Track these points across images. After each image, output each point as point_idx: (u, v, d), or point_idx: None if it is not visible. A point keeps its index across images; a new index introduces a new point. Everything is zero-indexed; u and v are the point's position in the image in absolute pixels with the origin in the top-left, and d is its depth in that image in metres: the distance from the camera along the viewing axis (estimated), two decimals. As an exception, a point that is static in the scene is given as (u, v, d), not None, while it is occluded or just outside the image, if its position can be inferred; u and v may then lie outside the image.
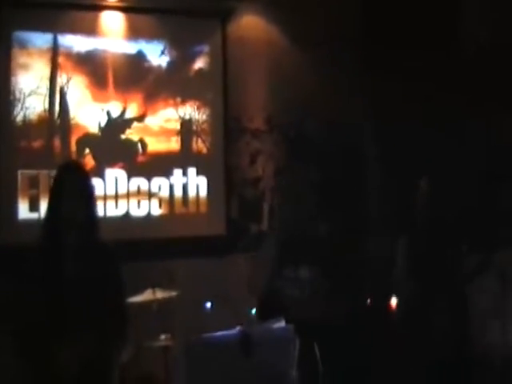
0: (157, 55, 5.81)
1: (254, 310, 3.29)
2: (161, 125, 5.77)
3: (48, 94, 5.44)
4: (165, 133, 5.78)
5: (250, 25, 6.09)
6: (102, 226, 3.15)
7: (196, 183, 5.81)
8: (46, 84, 5.44)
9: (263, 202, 5.93)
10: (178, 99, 5.85)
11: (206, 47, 6.00)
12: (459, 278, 4.82)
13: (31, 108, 5.37)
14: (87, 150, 5.50)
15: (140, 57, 5.76)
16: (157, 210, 5.68)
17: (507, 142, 5.54)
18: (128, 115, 5.67)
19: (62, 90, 5.48)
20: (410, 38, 5.69)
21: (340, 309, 4.93)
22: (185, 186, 5.77)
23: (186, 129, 5.86)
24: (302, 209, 5.84)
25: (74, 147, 5.47)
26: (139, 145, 5.68)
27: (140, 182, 5.63)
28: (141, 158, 5.68)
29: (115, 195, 5.55)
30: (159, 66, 5.82)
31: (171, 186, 5.73)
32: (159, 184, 5.69)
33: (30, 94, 5.37)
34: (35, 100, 5.39)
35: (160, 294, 4.58)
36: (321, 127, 6.02)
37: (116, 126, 5.63)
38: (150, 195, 5.66)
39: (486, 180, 5.57)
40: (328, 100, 5.94)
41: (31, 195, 5.25)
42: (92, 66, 5.58)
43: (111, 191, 5.53)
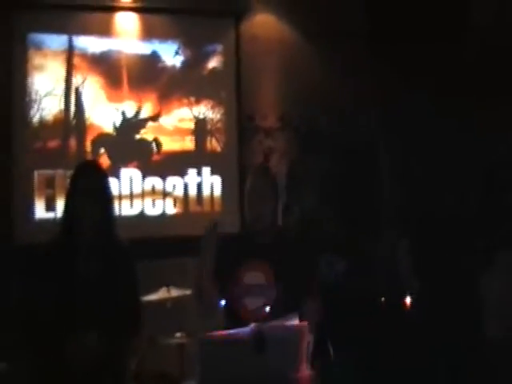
0: (171, 55, 5.84)
1: (267, 307, 3.29)
2: (175, 124, 5.81)
3: (63, 95, 5.50)
4: (179, 132, 5.82)
5: (263, 23, 6.10)
6: (117, 225, 3.19)
7: (210, 182, 5.84)
8: (62, 85, 5.50)
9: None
10: (192, 99, 5.88)
11: (219, 46, 6.03)
12: (466, 275, 4.83)
13: (47, 109, 5.43)
14: (102, 150, 5.56)
15: (154, 57, 5.81)
16: (171, 209, 5.72)
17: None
18: (142, 115, 5.71)
19: (77, 90, 5.54)
20: (420, 32, 5.66)
21: (354, 304, 4.94)
22: (199, 185, 5.81)
23: (200, 128, 5.89)
24: (314, 203, 5.85)
25: (89, 147, 5.53)
26: (154, 144, 5.72)
27: (155, 182, 5.68)
28: (155, 158, 5.72)
29: (130, 194, 5.60)
30: (173, 66, 5.86)
31: (185, 185, 5.77)
32: (174, 183, 5.73)
33: (45, 95, 5.44)
34: (51, 101, 5.45)
35: (175, 292, 4.62)
36: (333, 123, 6.03)
37: (131, 125, 5.68)
38: (165, 194, 5.71)
39: (495, 176, 5.53)
40: (340, 96, 5.94)
41: (47, 195, 5.31)
42: (107, 67, 5.63)
43: (126, 190, 5.58)
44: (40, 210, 5.31)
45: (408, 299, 4.87)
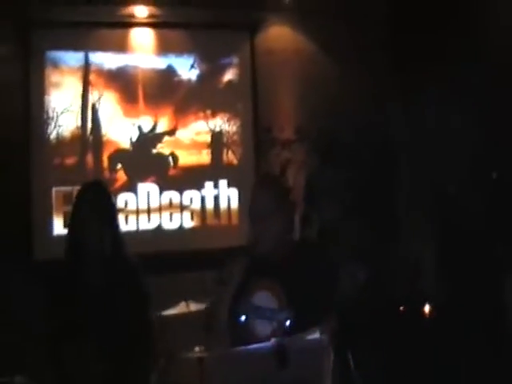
0: (187, 69, 5.87)
1: (288, 321, 3.25)
2: (191, 138, 5.83)
3: (80, 111, 5.56)
4: (196, 146, 5.84)
5: (278, 35, 6.11)
6: (134, 240, 3.21)
7: (227, 195, 5.85)
8: (78, 101, 5.55)
9: (294, 212, 5.95)
10: (208, 112, 5.90)
11: (234, 59, 6.05)
12: (492, 279, 4.77)
13: (64, 125, 5.49)
14: (119, 166, 5.59)
15: (170, 71, 5.84)
16: (189, 223, 5.73)
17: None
18: (159, 129, 5.75)
19: (93, 106, 5.59)
20: (439, 41, 5.63)
21: (374, 316, 4.91)
22: (216, 198, 5.82)
23: (217, 141, 5.91)
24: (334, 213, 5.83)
25: (106, 163, 5.57)
26: (170, 158, 5.74)
27: (172, 195, 5.69)
28: (172, 172, 5.74)
29: (147, 209, 5.62)
30: (189, 80, 5.88)
31: (203, 199, 5.78)
32: (191, 197, 5.75)
33: (62, 111, 5.49)
34: (68, 117, 5.51)
35: (193, 306, 4.58)
36: (352, 134, 6.00)
37: (147, 140, 5.71)
38: (182, 208, 5.72)
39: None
40: (358, 107, 5.92)
41: (65, 211, 5.28)
42: (123, 82, 5.68)
43: (143, 205, 5.61)
44: (58, 227, 5.34)
45: (427, 307, 4.83)
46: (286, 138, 6.02)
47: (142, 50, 5.76)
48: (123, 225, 5.15)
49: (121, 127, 5.63)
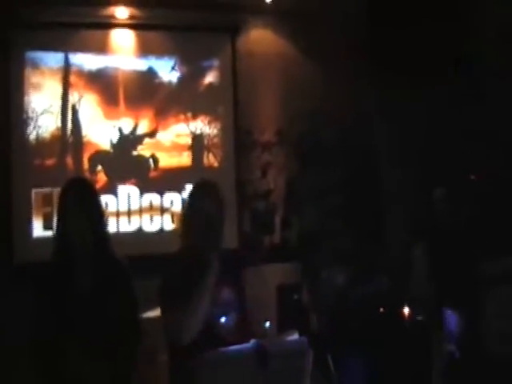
0: (167, 71, 5.87)
1: (267, 323, 3.27)
2: (172, 140, 5.83)
3: (60, 113, 5.52)
4: (176, 148, 5.83)
5: (259, 38, 6.13)
6: (115, 242, 3.17)
7: (208, 198, 5.83)
8: (59, 102, 5.52)
9: (275, 214, 5.97)
10: (189, 114, 5.90)
11: (215, 61, 6.05)
12: (481, 283, 4.81)
13: (44, 126, 5.45)
14: (99, 167, 5.57)
15: (151, 73, 5.82)
16: (169, 225, 5.71)
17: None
18: (139, 131, 5.73)
19: (73, 108, 5.55)
20: (418, 43, 5.67)
21: (354, 317, 4.93)
22: (197, 201, 5.80)
23: (198, 143, 5.91)
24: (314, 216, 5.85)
25: (86, 164, 5.54)
26: (151, 160, 5.73)
27: (152, 198, 5.68)
28: (153, 174, 5.73)
29: (128, 211, 5.60)
30: (170, 82, 5.88)
31: (183, 201, 5.71)
32: (171, 199, 5.73)
33: (42, 112, 5.45)
34: (48, 119, 5.47)
35: (174, 308, 4.61)
36: (332, 137, 6.03)
37: (128, 142, 5.69)
38: (163, 210, 5.71)
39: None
40: (339, 109, 5.95)
41: (45, 213, 5.29)
42: (103, 84, 5.65)
43: (124, 207, 5.59)
44: (38, 229, 5.30)
45: (406, 309, 4.86)
46: (266, 141, 6.05)
47: (123, 52, 5.74)
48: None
49: (101, 129, 5.60)
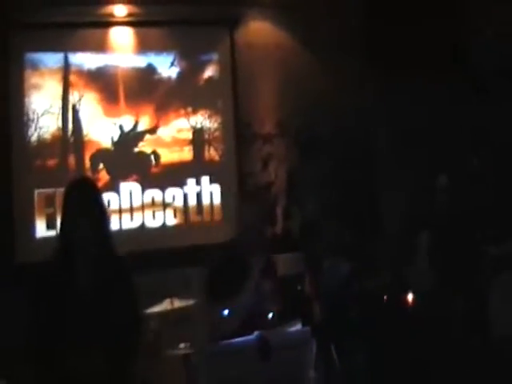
0: (166, 67, 5.89)
1: (270, 314, 3.30)
2: (173, 135, 5.86)
3: (61, 113, 5.57)
4: (177, 143, 5.86)
5: (258, 30, 6.12)
6: (118, 239, 3.21)
7: (210, 191, 5.87)
8: (59, 103, 5.56)
9: (277, 205, 5.99)
10: (189, 109, 5.92)
11: (214, 55, 6.07)
12: (482, 269, 4.81)
13: (45, 127, 5.50)
14: (101, 165, 5.61)
15: (150, 70, 5.85)
16: (172, 220, 5.76)
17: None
18: (140, 128, 5.77)
19: (74, 107, 5.60)
20: (416, 35, 5.66)
21: (357, 306, 4.95)
22: (199, 195, 5.85)
23: (198, 138, 5.93)
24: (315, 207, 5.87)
25: (88, 163, 5.58)
26: (152, 157, 5.77)
27: (154, 194, 5.72)
28: (154, 170, 5.77)
29: (130, 208, 5.64)
30: (169, 78, 5.90)
31: (185, 196, 5.80)
32: (173, 194, 5.77)
33: (43, 113, 5.50)
34: (49, 119, 5.52)
35: (177, 303, 4.59)
36: (332, 128, 6.03)
37: (129, 139, 5.73)
38: (165, 206, 5.74)
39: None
40: (338, 101, 5.94)
41: (48, 213, 5.35)
42: (103, 82, 5.69)
43: (126, 204, 5.63)
44: (41, 229, 5.35)
45: (410, 296, 4.87)
46: (267, 133, 6.05)
47: (122, 50, 5.77)
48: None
49: (102, 127, 5.64)
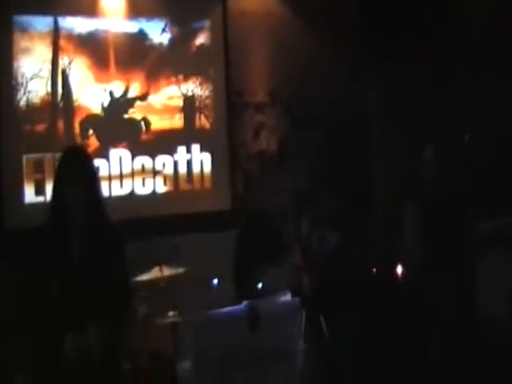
0: (158, 33, 5.81)
1: (259, 284, 3.31)
2: (164, 102, 5.80)
3: (50, 77, 5.45)
4: (168, 110, 5.81)
5: (251, -3, 6.07)
6: (107, 206, 3.22)
7: (200, 159, 5.85)
8: (48, 67, 5.44)
9: (267, 175, 5.98)
10: (181, 76, 5.86)
11: (206, 22, 5.99)
12: (471, 245, 4.84)
13: (34, 91, 5.38)
14: (91, 131, 5.53)
15: (141, 35, 5.77)
16: (162, 188, 5.73)
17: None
18: (131, 94, 5.69)
19: (64, 72, 5.49)
20: (411, 6, 5.63)
21: (345, 277, 4.97)
22: (189, 163, 5.82)
23: (189, 105, 5.88)
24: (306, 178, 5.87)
25: (77, 129, 5.49)
26: (142, 123, 5.71)
27: (144, 161, 5.67)
28: (144, 137, 5.71)
29: (120, 175, 5.59)
30: (160, 44, 5.83)
31: (175, 163, 5.77)
32: (163, 162, 5.74)
33: (32, 77, 5.38)
34: (38, 83, 5.40)
35: (167, 271, 4.59)
36: (324, 98, 6.00)
37: (119, 105, 5.66)
38: (155, 173, 5.71)
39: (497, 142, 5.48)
40: (330, 70, 5.92)
41: (37, 179, 5.27)
42: (93, 47, 5.58)
43: (116, 171, 5.58)
44: (29, 195, 5.27)
45: (399, 269, 4.89)
46: (258, 102, 6.03)
47: (113, 14, 5.66)
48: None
49: (92, 93, 5.56)
